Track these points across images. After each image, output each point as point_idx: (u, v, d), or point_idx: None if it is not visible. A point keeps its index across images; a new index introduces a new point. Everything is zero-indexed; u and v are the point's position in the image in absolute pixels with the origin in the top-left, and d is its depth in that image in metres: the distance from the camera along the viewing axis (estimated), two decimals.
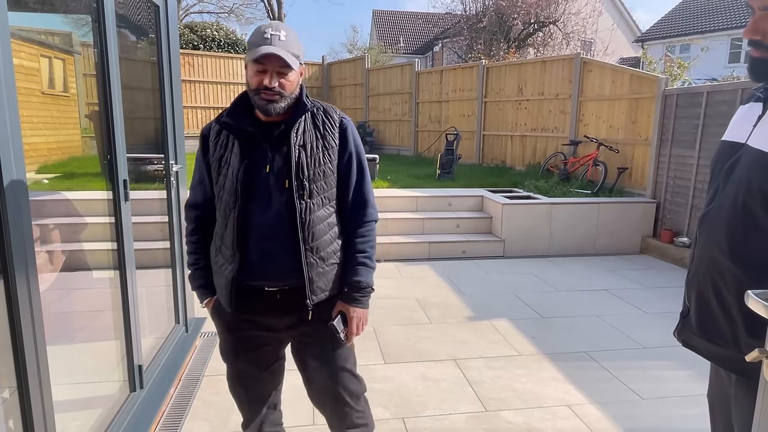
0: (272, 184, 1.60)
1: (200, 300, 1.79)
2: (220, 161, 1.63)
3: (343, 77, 13.82)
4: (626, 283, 5.14)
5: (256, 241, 1.61)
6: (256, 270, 1.63)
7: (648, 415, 2.80)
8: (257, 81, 1.54)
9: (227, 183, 1.61)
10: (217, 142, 1.65)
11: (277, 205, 1.60)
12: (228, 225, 1.62)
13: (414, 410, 2.79)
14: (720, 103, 5.48)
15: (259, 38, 1.52)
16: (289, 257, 1.62)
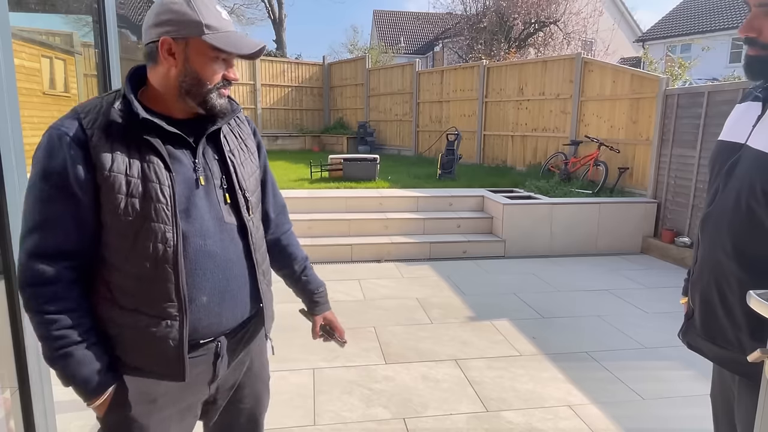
0: (210, 201, 1.25)
1: (97, 392, 1.17)
2: (126, 177, 1.12)
3: (343, 77, 13.82)
4: (627, 283, 5.14)
5: (208, 277, 1.23)
6: (212, 320, 1.25)
7: (649, 415, 2.80)
8: (219, 73, 1.21)
9: (153, 207, 1.14)
10: (111, 150, 1.12)
11: (221, 228, 1.26)
12: (161, 267, 1.16)
13: (415, 410, 2.79)
14: (721, 102, 5.47)
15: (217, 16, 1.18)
16: (246, 296, 1.34)
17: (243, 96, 13.20)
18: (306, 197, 6.50)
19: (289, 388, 3.00)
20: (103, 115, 1.14)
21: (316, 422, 2.66)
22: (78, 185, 1.10)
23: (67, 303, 1.13)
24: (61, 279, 1.12)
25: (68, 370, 1.14)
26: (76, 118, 1.13)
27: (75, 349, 1.13)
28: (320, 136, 13.79)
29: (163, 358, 1.20)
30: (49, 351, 1.13)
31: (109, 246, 1.16)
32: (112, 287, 1.18)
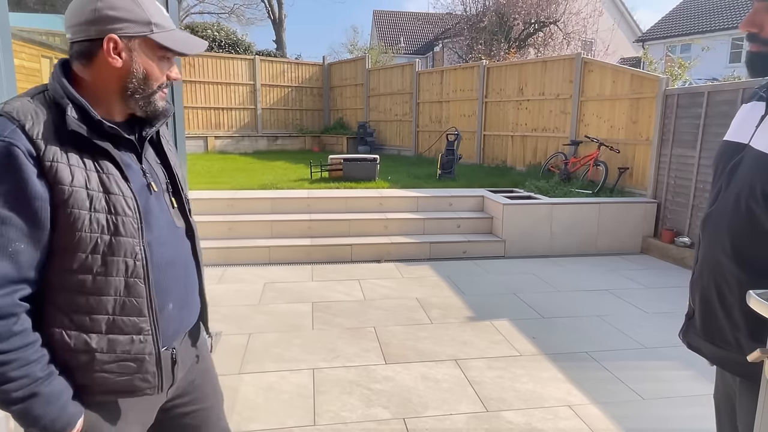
0: (162, 208, 1.22)
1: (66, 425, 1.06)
2: (87, 191, 1.04)
3: (343, 77, 13.82)
4: (627, 283, 5.14)
5: (172, 284, 1.21)
6: (176, 325, 1.24)
7: (649, 415, 2.80)
8: (165, 72, 1.16)
9: (121, 221, 1.08)
10: (67, 162, 1.02)
11: (175, 231, 1.25)
12: (131, 282, 1.10)
13: (415, 410, 2.79)
14: (721, 103, 5.48)
15: (161, 14, 1.14)
16: (196, 295, 1.34)
17: (243, 96, 13.21)
18: (306, 197, 6.50)
19: (289, 388, 3.00)
20: (51, 123, 1.03)
21: (316, 422, 2.66)
22: (35, 204, 0.99)
23: (23, 338, 1.00)
24: (16, 311, 0.99)
25: (34, 410, 1.02)
26: (16, 125, 0.99)
27: (39, 387, 1.02)
28: (320, 136, 13.79)
29: (143, 372, 1.14)
30: (6, 395, 0.99)
31: (69, 269, 1.05)
32: (76, 313, 1.07)
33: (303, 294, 4.63)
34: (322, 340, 3.66)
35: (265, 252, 5.66)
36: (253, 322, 3.96)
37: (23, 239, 0.99)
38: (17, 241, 0.98)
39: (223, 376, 3.11)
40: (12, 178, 0.97)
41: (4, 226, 0.97)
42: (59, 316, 1.07)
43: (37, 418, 1.02)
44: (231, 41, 15.14)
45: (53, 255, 1.04)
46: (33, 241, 1.00)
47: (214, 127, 13.02)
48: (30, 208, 0.98)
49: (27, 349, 1.01)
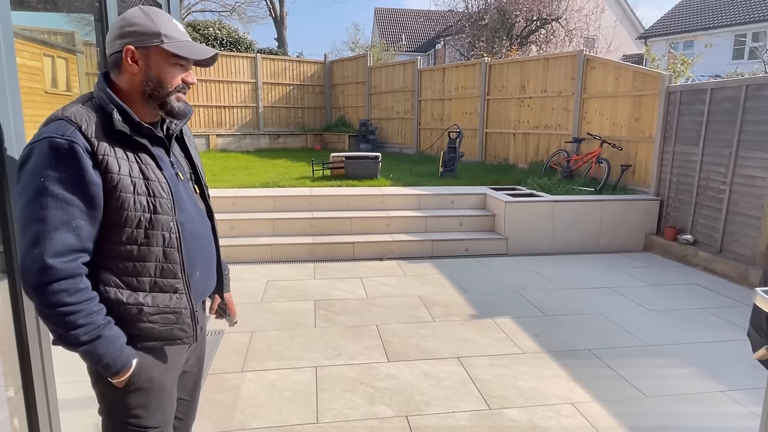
0: (189, 194, 1.49)
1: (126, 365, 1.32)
2: (131, 178, 1.30)
3: (345, 75, 13.81)
4: (630, 280, 5.13)
5: (198, 255, 1.48)
6: (201, 289, 1.52)
7: (652, 412, 2.79)
8: (178, 77, 1.37)
9: (158, 202, 1.33)
10: (115, 156, 1.28)
11: (199, 212, 1.51)
12: (169, 251, 1.37)
13: (417, 408, 2.79)
14: (724, 100, 5.45)
15: (174, 28, 1.36)
16: (215, 266, 1.60)
17: (245, 94, 13.20)
18: (308, 195, 6.50)
19: (291, 386, 3.01)
20: (100, 125, 1.27)
21: (318, 420, 2.66)
22: (92, 189, 1.24)
23: (86, 293, 1.25)
24: (80, 272, 1.25)
25: (99, 350, 1.27)
26: (75, 127, 1.23)
27: (102, 331, 1.27)
28: (322, 134, 13.78)
29: (180, 323, 1.41)
30: (76, 338, 1.24)
31: (120, 241, 1.31)
32: (126, 275, 1.33)
33: (305, 292, 4.63)
34: (325, 338, 3.66)
35: (267, 250, 5.66)
36: (256, 320, 3.96)
37: (83, 216, 1.24)
38: (79, 218, 1.23)
39: (226, 374, 3.12)
40: (74, 168, 1.21)
41: (69, 206, 1.21)
42: (113, 278, 1.32)
43: (101, 356, 1.27)
44: (232, 39, 15.13)
45: (106, 230, 1.29)
46: (90, 219, 1.25)
47: (216, 125, 13.02)
48: (88, 192, 1.23)
49: (90, 302, 1.26)
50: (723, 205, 5.43)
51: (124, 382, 1.34)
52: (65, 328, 1.23)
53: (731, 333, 3.83)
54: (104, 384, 1.36)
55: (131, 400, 1.38)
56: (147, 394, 1.40)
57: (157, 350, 1.41)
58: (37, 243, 1.19)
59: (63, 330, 1.23)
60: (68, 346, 1.26)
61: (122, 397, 1.38)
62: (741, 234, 5.24)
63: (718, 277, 5.25)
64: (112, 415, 1.41)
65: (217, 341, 3.53)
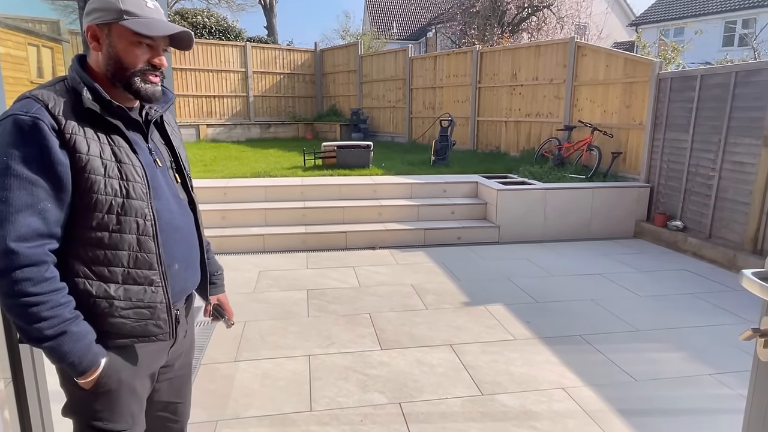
0: (168, 182, 1.39)
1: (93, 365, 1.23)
2: (102, 159, 1.21)
3: (336, 64, 13.70)
4: (620, 267, 5.17)
5: (177, 247, 1.38)
6: (181, 284, 1.41)
7: (641, 396, 2.84)
8: (141, 58, 1.27)
9: (132, 186, 1.25)
10: (84, 135, 1.20)
11: (179, 203, 1.42)
12: (143, 239, 1.28)
13: (410, 395, 2.81)
14: (714, 86, 5.48)
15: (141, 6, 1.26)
16: (198, 261, 1.50)
17: (235, 83, 13.08)
18: (299, 185, 6.48)
19: (285, 374, 3.02)
20: (70, 104, 1.20)
21: (312, 408, 2.68)
22: (59, 169, 1.15)
23: (53, 283, 1.16)
24: (46, 260, 1.16)
25: (63, 347, 1.17)
26: (41, 105, 1.16)
27: (69, 326, 1.17)
28: (313, 123, 13.71)
29: (155, 318, 1.31)
30: (39, 332, 1.14)
31: (90, 227, 1.22)
32: (96, 265, 1.24)
33: (298, 282, 4.63)
34: (318, 327, 3.67)
35: (259, 240, 5.65)
36: (249, 310, 3.96)
37: (49, 199, 1.15)
38: (45, 201, 1.14)
39: (219, 364, 3.13)
40: (38, 147, 1.13)
41: (34, 187, 1.13)
42: (82, 268, 1.23)
43: (66, 354, 1.17)
44: (221, 28, 14.94)
45: (75, 214, 1.20)
46: (57, 202, 1.17)
47: (206, 115, 12.90)
48: (54, 173, 1.15)
49: (56, 294, 1.16)
50: (712, 192, 5.48)
51: (91, 383, 1.24)
52: (27, 320, 1.14)
53: (720, 317, 3.89)
54: (72, 384, 1.27)
55: (98, 403, 1.30)
56: (115, 397, 1.31)
57: (129, 349, 1.32)
58: (1, 226, 1.11)
59: (25, 323, 1.14)
60: (31, 341, 1.17)
61: (89, 399, 1.29)
62: (730, 220, 5.29)
63: (707, 262, 5.31)
64: (78, 417, 1.34)
65: (209, 331, 3.53)
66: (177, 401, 1.59)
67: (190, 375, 1.65)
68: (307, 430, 2.49)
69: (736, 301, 4.22)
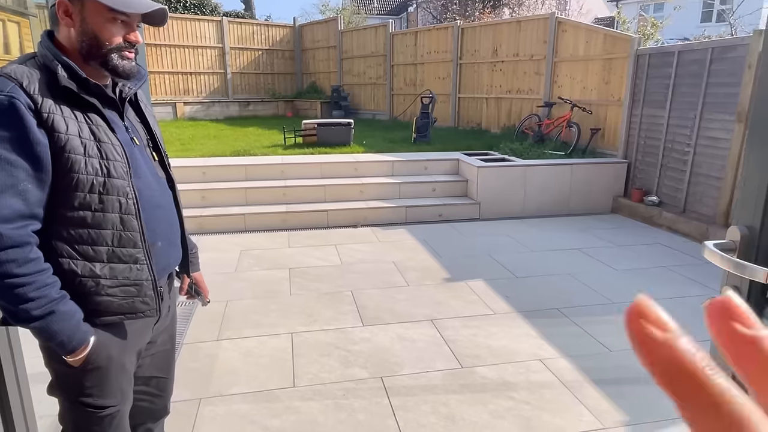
0: (146, 160, 1.39)
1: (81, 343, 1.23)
2: (81, 139, 1.20)
3: (315, 40, 13.46)
4: (597, 241, 5.28)
5: (159, 224, 1.40)
6: (165, 261, 1.44)
7: (615, 365, 2.93)
8: (117, 34, 1.24)
9: (112, 165, 1.24)
10: (61, 114, 1.18)
11: (158, 180, 1.43)
12: (126, 218, 1.28)
13: (392, 369, 2.86)
14: (691, 62, 5.54)
15: None
16: (179, 238, 1.52)
17: (212, 60, 12.78)
18: (280, 164, 6.42)
19: (268, 352, 3.04)
20: (44, 82, 1.17)
21: (295, 384, 2.71)
22: (38, 149, 1.14)
23: (38, 264, 1.16)
24: (30, 241, 1.15)
25: (53, 326, 1.17)
26: (15, 83, 1.13)
27: (56, 305, 1.18)
28: (293, 101, 13.51)
29: (142, 296, 1.33)
30: (27, 313, 1.15)
31: (72, 206, 1.21)
32: (80, 244, 1.24)
33: (280, 260, 4.64)
34: (300, 304, 3.70)
35: (240, 220, 5.61)
36: (230, 289, 3.96)
37: (30, 180, 1.14)
38: (25, 181, 1.13)
39: (202, 343, 3.13)
40: (16, 127, 1.11)
41: (13, 168, 1.11)
42: (66, 248, 1.23)
43: (55, 333, 1.18)
44: (196, 2, 14.54)
45: (57, 195, 1.19)
46: (38, 182, 1.15)
47: (183, 92, 12.61)
48: (33, 153, 1.13)
49: (42, 274, 1.16)
50: (687, 167, 5.59)
51: (80, 361, 1.25)
52: (14, 302, 1.13)
53: (691, 289, 4.01)
54: (58, 362, 1.28)
55: (87, 380, 1.31)
56: (105, 373, 1.32)
57: (117, 326, 1.33)
58: None
59: (12, 304, 1.14)
60: (19, 322, 1.18)
61: (77, 376, 1.29)
62: (703, 194, 5.42)
63: (680, 236, 5.45)
64: (66, 395, 1.34)
65: (191, 311, 3.53)
66: (160, 376, 1.61)
67: (173, 350, 1.67)
68: (291, 405, 2.53)
69: (706, 273, 4.36)
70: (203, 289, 1.75)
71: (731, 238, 0.95)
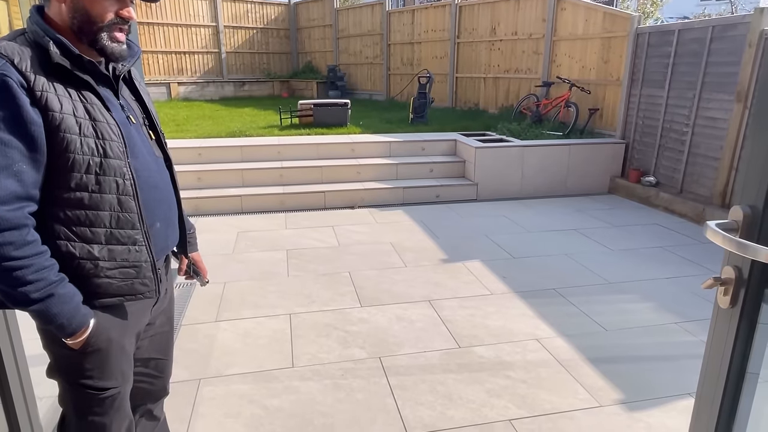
0: (142, 139, 1.37)
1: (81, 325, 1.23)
2: (75, 118, 1.17)
3: (311, 18, 13.26)
4: (594, 222, 5.29)
5: (157, 205, 1.38)
6: (163, 242, 1.42)
7: (611, 344, 2.96)
8: (110, 10, 1.21)
9: (108, 145, 1.22)
10: (55, 92, 1.15)
11: (156, 160, 1.40)
12: (124, 199, 1.26)
13: (390, 349, 2.88)
14: (690, 41, 5.48)
15: None
16: (176, 219, 1.50)
17: (206, 39, 12.58)
18: (276, 144, 6.37)
19: (267, 333, 3.06)
20: (36, 59, 1.13)
21: (294, 365, 2.73)
22: (32, 129, 1.10)
23: (35, 247, 1.14)
24: (26, 223, 1.12)
25: (52, 309, 1.16)
26: (6, 61, 1.10)
27: (55, 288, 1.16)
28: (289, 81, 13.36)
29: (141, 277, 1.32)
30: (26, 296, 1.13)
31: (68, 187, 1.18)
32: (78, 226, 1.21)
33: (277, 242, 4.63)
34: (298, 286, 3.70)
35: (236, 201, 5.59)
36: (228, 271, 3.96)
37: (25, 160, 1.10)
38: (19, 162, 1.09)
39: (200, 324, 3.14)
40: (9, 106, 1.07)
41: (7, 148, 1.08)
42: (63, 230, 1.21)
43: (54, 316, 1.16)
44: None
45: (52, 176, 1.16)
46: (33, 163, 1.12)
47: (177, 72, 12.45)
48: (27, 133, 1.10)
49: (40, 257, 1.14)
50: (685, 147, 5.58)
51: (80, 343, 1.24)
52: (12, 285, 1.11)
53: (687, 269, 4.04)
54: (58, 345, 1.26)
55: (87, 362, 1.30)
56: (105, 355, 1.32)
57: (116, 308, 1.33)
58: None
59: (10, 287, 1.12)
60: (17, 305, 1.16)
61: (77, 359, 1.29)
62: (700, 175, 5.42)
63: (677, 217, 5.46)
64: (66, 377, 1.33)
65: (189, 292, 3.53)
66: (159, 357, 1.61)
67: (172, 332, 1.67)
68: (290, 385, 2.55)
69: (702, 253, 4.38)
70: (202, 269, 1.74)
71: (734, 217, 0.94)
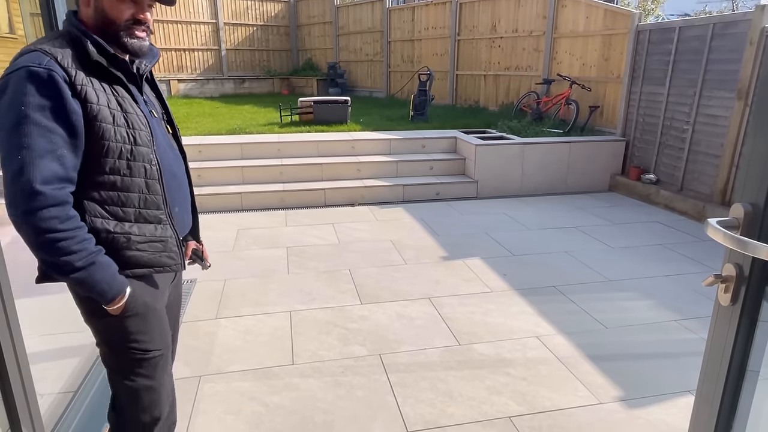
0: (162, 132, 1.54)
1: (120, 290, 1.37)
2: (110, 109, 1.32)
3: (311, 15, 13.23)
4: (594, 219, 5.29)
5: (176, 192, 1.55)
6: (180, 225, 1.58)
7: (611, 342, 2.97)
8: (126, 12, 1.34)
9: (138, 134, 1.37)
10: (92, 86, 1.30)
11: (173, 151, 1.58)
12: (151, 182, 1.42)
13: (390, 347, 2.89)
14: (691, 38, 5.47)
15: None
16: (190, 207, 1.68)
17: (206, 36, 12.56)
18: (276, 142, 6.37)
19: (267, 330, 3.06)
20: (76, 56, 1.28)
21: (294, 362, 2.74)
22: (73, 118, 1.24)
23: (76, 221, 1.28)
24: (69, 201, 1.26)
25: (95, 275, 1.30)
26: (51, 57, 1.23)
27: (96, 257, 1.30)
28: (289, 78, 13.34)
29: (168, 251, 1.48)
30: (71, 264, 1.26)
31: (103, 171, 1.33)
32: (111, 205, 1.37)
33: (277, 239, 4.63)
34: (298, 283, 3.71)
35: (237, 198, 5.59)
36: (228, 268, 3.96)
37: (66, 146, 1.24)
38: (62, 147, 1.23)
39: (201, 321, 3.15)
40: (55, 97, 1.21)
41: (52, 135, 1.22)
42: (98, 209, 1.35)
43: (96, 282, 1.30)
44: None
45: (89, 160, 1.31)
46: (73, 148, 1.26)
47: (177, 69, 12.43)
48: (69, 121, 1.24)
49: (81, 230, 1.28)
50: (685, 145, 5.57)
51: (120, 308, 1.37)
52: (58, 254, 1.24)
53: (687, 266, 4.04)
54: (99, 316, 1.39)
55: (130, 326, 1.43)
56: (144, 319, 1.46)
57: (147, 277, 1.47)
58: (23, 170, 1.18)
59: (56, 257, 1.24)
60: (62, 274, 1.27)
61: (120, 325, 1.42)
62: (701, 173, 5.42)
63: (677, 214, 5.46)
64: (112, 345, 1.47)
65: (189, 290, 3.53)
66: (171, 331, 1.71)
67: (180, 307, 1.82)
68: (290, 382, 2.56)
69: (702, 250, 4.38)
70: (204, 254, 1.89)
71: (734, 215, 0.94)
